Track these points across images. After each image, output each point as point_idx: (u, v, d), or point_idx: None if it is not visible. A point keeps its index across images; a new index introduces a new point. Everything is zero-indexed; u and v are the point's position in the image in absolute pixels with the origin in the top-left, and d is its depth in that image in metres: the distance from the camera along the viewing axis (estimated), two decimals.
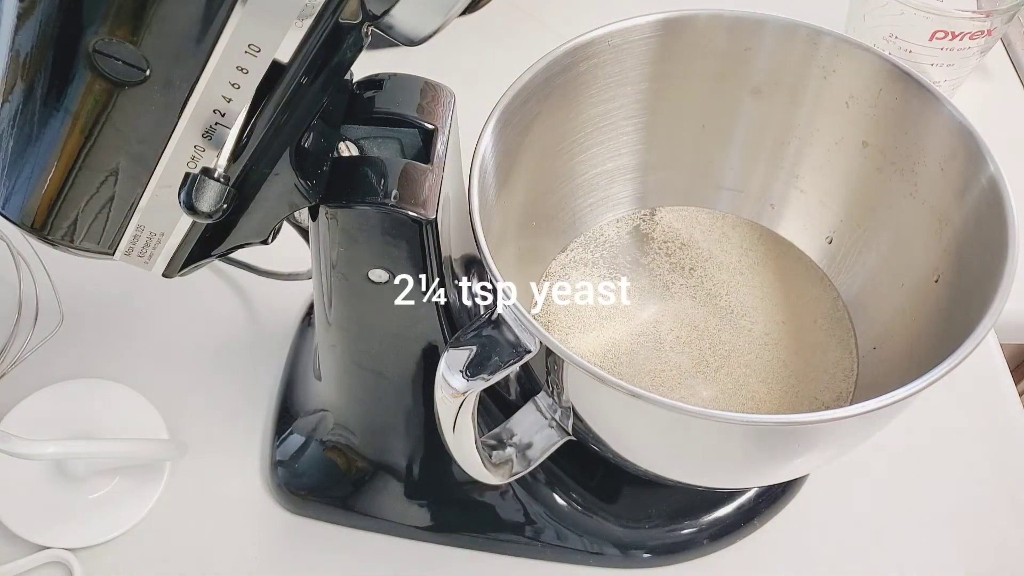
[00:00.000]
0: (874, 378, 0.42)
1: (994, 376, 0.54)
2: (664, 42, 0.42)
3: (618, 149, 0.46)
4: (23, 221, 0.33)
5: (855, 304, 0.45)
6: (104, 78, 0.30)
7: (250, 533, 0.48)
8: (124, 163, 0.32)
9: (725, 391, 0.42)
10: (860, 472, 0.50)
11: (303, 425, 0.49)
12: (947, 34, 0.58)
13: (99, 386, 0.51)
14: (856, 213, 0.45)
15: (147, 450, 0.48)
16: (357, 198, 0.34)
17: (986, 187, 0.37)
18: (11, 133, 0.31)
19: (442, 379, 0.34)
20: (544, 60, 0.40)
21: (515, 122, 0.39)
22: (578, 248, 0.47)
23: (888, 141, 0.42)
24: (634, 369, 0.43)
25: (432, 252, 0.36)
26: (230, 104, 0.30)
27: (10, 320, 0.51)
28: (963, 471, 0.50)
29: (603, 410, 0.37)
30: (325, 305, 0.39)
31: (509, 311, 0.34)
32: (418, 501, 0.47)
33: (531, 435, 0.41)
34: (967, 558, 0.48)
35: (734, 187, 0.48)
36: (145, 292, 0.55)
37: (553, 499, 0.47)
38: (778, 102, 0.44)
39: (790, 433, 0.35)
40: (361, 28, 0.31)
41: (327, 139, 0.35)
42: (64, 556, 0.46)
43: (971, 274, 0.37)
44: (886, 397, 0.32)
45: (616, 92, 0.43)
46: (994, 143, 0.38)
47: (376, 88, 0.37)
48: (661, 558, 0.47)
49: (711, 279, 0.46)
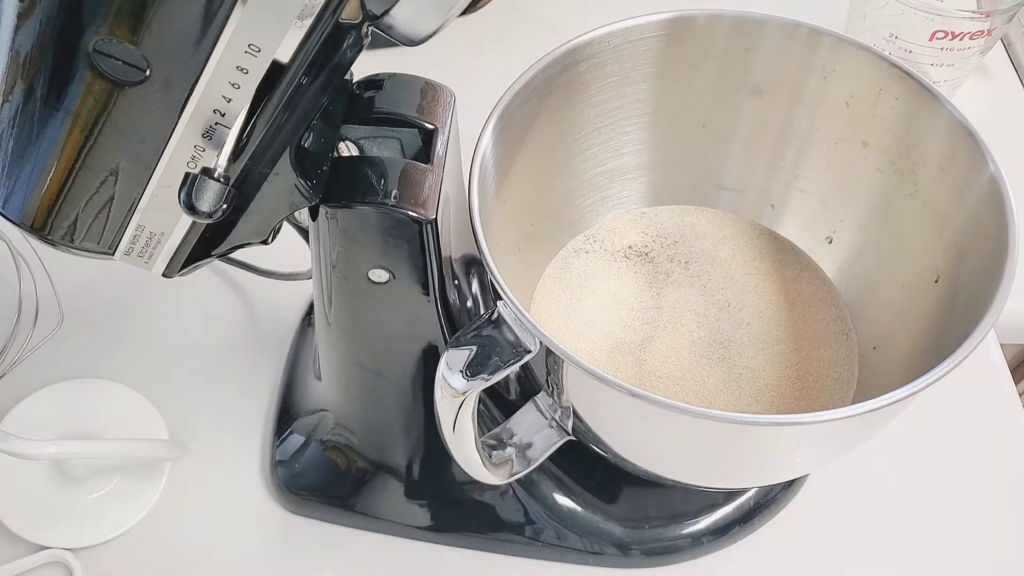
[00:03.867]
0: (874, 378, 0.42)
1: (994, 376, 0.54)
2: (664, 42, 0.42)
3: (618, 149, 0.46)
4: (23, 221, 0.34)
5: (855, 304, 0.45)
6: (104, 78, 0.30)
7: (250, 533, 0.48)
8: (124, 163, 0.32)
9: (725, 391, 0.42)
10: (860, 472, 0.50)
11: (303, 425, 0.49)
12: (947, 34, 0.58)
13: (99, 386, 0.51)
14: (856, 213, 0.45)
15: (147, 450, 0.48)
16: (357, 198, 0.34)
17: (986, 187, 0.37)
18: (11, 133, 0.31)
19: (442, 379, 0.34)
20: (544, 60, 0.40)
21: (515, 122, 0.39)
22: (578, 248, 0.47)
23: (888, 141, 0.42)
24: (634, 369, 0.43)
25: (432, 252, 0.36)
26: (230, 104, 0.30)
27: (10, 320, 0.51)
28: (963, 471, 0.50)
29: (603, 410, 0.37)
30: (325, 305, 0.39)
31: (509, 311, 0.34)
32: (418, 501, 0.47)
33: (531, 435, 0.41)
34: (967, 558, 0.48)
35: (734, 187, 0.48)
36: (145, 292, 0.55)
37: (553, 499, 0.47)
38: (778, 102, 0.44)
39: (790, 433, 0.35)
40: (361, 28, 0.31)
41: (327, 139, 0.35)
42: (64, 556, 0.46)
43: (971, 274, 0.37)
44: (886, 397, 0.32)
45: (616, 92, 0.43)
46: (994, 143, 0.38)
47: (376, 88, 0.37)
48: (661, 558, 0.47)
49: (711, 279, 0.46)
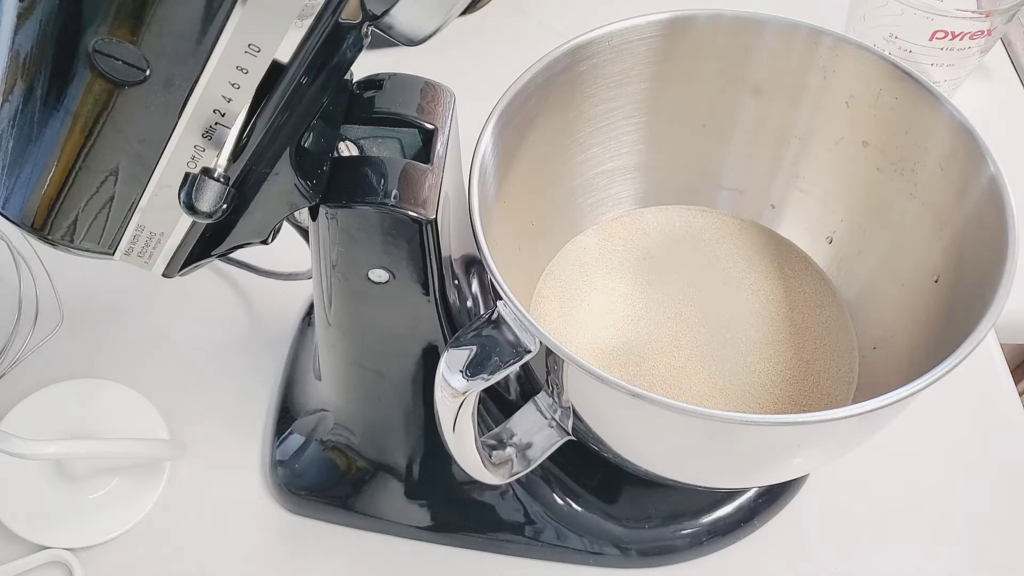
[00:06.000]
0: (874, 378, 0.42)
1: (994, 376, 0.54)
2: (664, 42, 0.42)
3: (618, 149, 0.46)
4: (23, 221, 0.33)
5: (855, 304, 0.45)
6: (104, 78, 0.30)
7: (250, 533, 0.48)
8: (124, 163, 0.32)
9: (725, 390, 0.42)
10: (860, 472, 0.50)
11: (303, 425, 0.49)
12: (947, 34, 0.58)
13: (99, 386, 0.51)
14: (856, 213, 0.45)
15: (147, 450, 0.48)
16: (357, 198, 0.34)
17: (986, 187, 0.37)
18: (11, 133, 0.31)
19: (442, 379, 0.34)
20: (544, 60, 0.40)
21: (515, 122, 0.39)
22: (578, 247, 0.47)
23: (888, 141, 0.42)
24: (634, 369, 0.43)
25: (432, 252, 0.36)
26: (230, 104, 0.30)
27: (10, 320, 0.51)
28: (963, 471, 0.50)
29: (603, 410, 0.37)
30: (325, 305, 0.39)
31: (509, 311, 0.34)
32: (418, 501, 0.47)
33: (531, 435, 0.41)
34: (967, 558, 0.48)
35: (734, 187, 0.48)
36: (145, 292, 0.55)
37: (553, 499, 0.47)
38: (778, 102, 0.44)
39: (790, 433, 0.35)
40: (361, 28, 0.31)
41: (327, 139, 0.35)
42: (64, 556, 0.46)
43: (971, 274, 0.37)
44: (886, 397, 0.32)
45: (616, 92, 0.43)
46: (994, 143, 0.38)
47: (376, 88, 0.37)
48: (661, 558, 0.47)
49: (711, 279, 0.46)
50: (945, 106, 0.39)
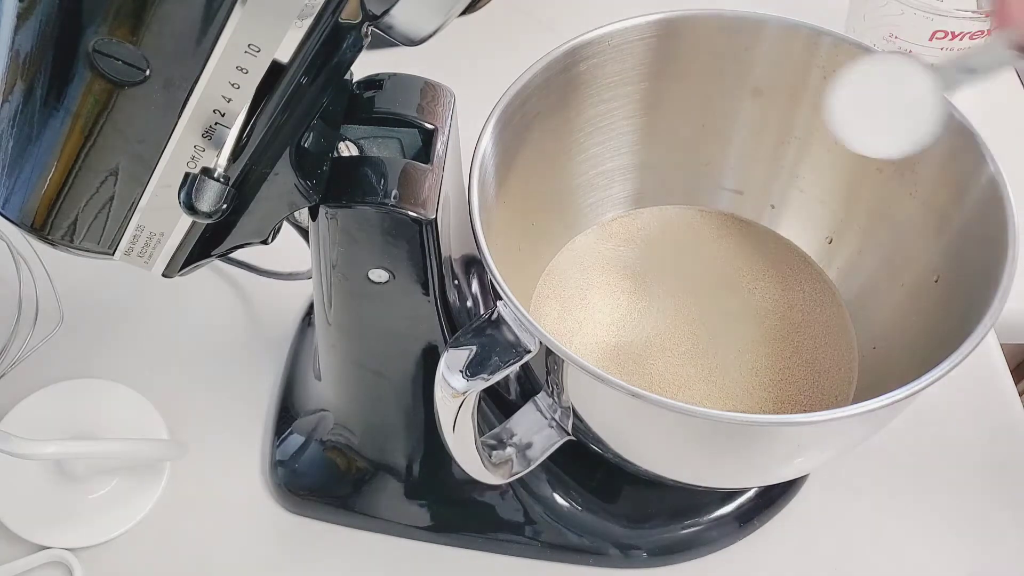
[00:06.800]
0: (874, 378, 0.42)
1: (994, 376, 0.54)
2: (664, 42, 0.42)
3: (618, 149, 0.46)
4: (23, 221, 0.34)
5: (855, 304, 0.45)
6: (104, 78, 0.30)
7: (250, 533, 0.48)
8: (124, 163, 0.32)
9: (725, 390, 0.42)
10: (860, 472, 0.50)
11: (303, 425, 0.49)
12: (947, 34, 0.58)
13: (99, 386, 0.51)
14: (856, 213, 0.45)
15: (147, 450, 0.48)
16: (357, 198, 0.34)
17: (986, 187, 0.37)
18: (11, 133, 0.31)
19: (442, 379, 0.34)
20: (544, 60, 0.40)
21: (515, 122, 0.39)
22: (578, 247, 0.47)
23: None
24: (634, 368, 0.43)
25: (432, 252, 0.36)
26: (230, 104, 0.30)
27: (10, 320, 0.51)
28: (963, 471, 0.50)
29: (603, 410, 0.37)
30: (325, 305, 0.39)
31: (509, 311, 0.34)
32: (418, 501, 0.47)
33: (531, 435, 0.41)
34: (967, 558, 0.48)
35: (734, 187, 0.48)
36: (145, 292, 0.55)
37: (553, 499, 0.47)
38: (778, 102, 0.44)
39: (790, 433, 0.35)
40: (361, 28, 0.31)
41: (327, 139, 0.35)
42: (64, 556, 0.46)
43: (971, 274, 0.37)
44: (886, 397, 0.32)
45: (616, 92, 0.43)
46: (994, 143, 0.38)
47: (376, 88, 0.37)
48: (661, 558, 0.47)
49: (711, 279, 0.46)
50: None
